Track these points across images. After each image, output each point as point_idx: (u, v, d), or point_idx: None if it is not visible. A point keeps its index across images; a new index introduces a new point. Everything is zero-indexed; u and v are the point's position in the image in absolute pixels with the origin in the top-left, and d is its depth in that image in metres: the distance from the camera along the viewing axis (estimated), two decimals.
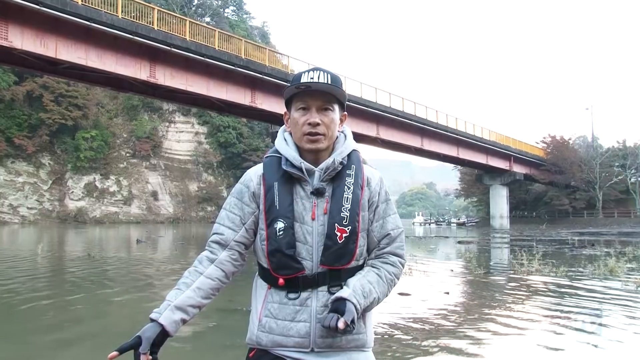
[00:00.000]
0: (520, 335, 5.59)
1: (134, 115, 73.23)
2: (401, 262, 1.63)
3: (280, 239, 1.50)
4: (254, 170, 1.63)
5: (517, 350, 5.02)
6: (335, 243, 1.50)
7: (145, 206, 69.83)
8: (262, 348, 1.54)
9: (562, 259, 14.41)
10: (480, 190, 64.61)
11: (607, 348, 5.03)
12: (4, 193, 58.94)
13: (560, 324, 6.15)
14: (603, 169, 58.02)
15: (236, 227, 1.57)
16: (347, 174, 1.57)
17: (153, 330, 1.43)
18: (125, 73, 21.44)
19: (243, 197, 1.59)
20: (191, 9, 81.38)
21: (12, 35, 17.79)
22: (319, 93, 1.55)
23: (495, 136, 48.67)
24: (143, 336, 1.40)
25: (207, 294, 1.54)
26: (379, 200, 1.62)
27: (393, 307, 7.12)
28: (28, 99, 60.26)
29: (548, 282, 9.88)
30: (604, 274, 10.93)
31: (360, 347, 1.55)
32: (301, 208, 1.53)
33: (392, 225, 1.62)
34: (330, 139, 1.58)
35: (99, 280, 10.24)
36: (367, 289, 1.50)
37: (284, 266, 1.50)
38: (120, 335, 5.88)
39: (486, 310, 7.07)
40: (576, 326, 5.99)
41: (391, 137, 36.84)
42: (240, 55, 25.54)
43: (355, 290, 1.48)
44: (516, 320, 6.34)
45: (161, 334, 1.43)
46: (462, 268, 12.93)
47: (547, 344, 5.19)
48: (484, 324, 6.13)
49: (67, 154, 64.24)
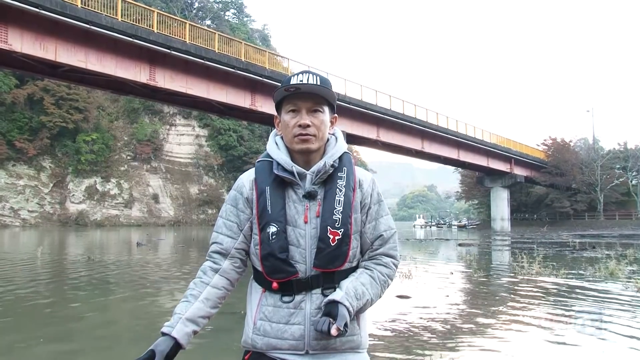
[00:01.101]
0: (520, 338, 5.56)
1: (134, 118, 73.34)
2: (394, 263, 1.63)
3: (273, 243, 1.50)
4: (246, 175, 1.64)
5: (517, 353, 4.98)
6: (328, 246, 1.50)
7: (146, 209, 69.84)
8: (257, 351, 1.55)
9: (562, 262, 14.37)
10: (481, 192, 64.58)
11: (609, 350, 4.99)
12: (5, 196, 58.95)
13: (560, 327, 6.11)
14: (604, 171, 57.97)
15: (235, 235, 1.59)
16: (339, 176, 1.58)
17: (166, 344, 1.44)
18: (125, 76, 21.46)
19: (238, 204, 1.60)
20: (192, 12, 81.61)
21: (11, 39, 17.82)
22: (309, 95, 1.55)
23: (496, 138, 48.66)
24: (156, 350, 1.42)
25: (215, 304, 1.57)
26: (371, 202, 1.62)
27: (392, 310, 7.09)
28: (29, 102, 60.33)
29: (548, 285, 9.83)
30: (604, 276, 10.89)
31: (354, 348, 1.55)
32: (293, 212, 1.54)
33: (385, 227, 1.62)
34: (321, 140, 1.59)
35: (98, 283, 10.21)
36: (359, 291, 1.51)
37: (277, 270, 1.51)
38: (122, 340, 5.79)
39: (486, 313, 7.03)
40: (576, 329, 5.96)
41: (392, 140, 36.84)
42: (240, 58, 25.55)
43: (348, 292, 1.49)
44: (516, 323, 6.30)
45: (174, 347, 1.46)
46: (463, 271, 12.88)
47: (547, 346, 5.15)
48: (484, 327, 6.10)
49: (68, 157, 64.28)
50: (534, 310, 7.23)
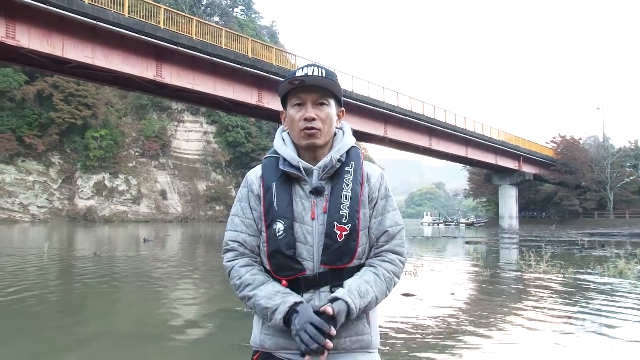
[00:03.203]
0: (526, 336, 5.48)
1: (143, 114, 73.51)
2: (401, 260, 1.58)
3: (280, 239, 1.48)
4: (253, 172, 1.63)
5: (523, 352, 4.90)
6: (335, 242, 1.47)
7: (154, 205, 70.07)
8: (266, 351, 1.53)
9: (570, 260, 14.23)
10: (489, 190, 64.21)
11: (616, 349, 4.89)
12: (15, 192, 59.34)
13: (567, 325, 6.03)
14: (614, 169, 57.45)
15: (254, 232, 1.57)
16: (346, 170, 1.56)
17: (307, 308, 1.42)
18: (131, 72, 21.44)
19: (250, 201, 1.59)
20: (200, 9, 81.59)
21: (19, 35, 17.83)
22: (314, 87, 1.54)
23: (504, 136, 48.33)
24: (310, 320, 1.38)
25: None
26: (378, 197, 1.59)
27: (396, 308, 7.04)
28: (38, 99, 60.62)
29: (555, 283, 9.73)
30: (613, 275, 10.75)
31: (365, 348, 1.53)
32: (300, 208, 1.52)
33: (391, 222, 1.58)
34: (327, 134, 1.57)
35: (103, 279, 10.22)
36: (363, 289, 1.47)
37: (284, 267, 1.49)
38: (127, 336, 5.77)
39: (491, 311, 6.95)
40: (583, 328, 5.87)
41: (399, 137, 36.65)
42: (247, 54, 25.48)
43: (351, 290, 1.45)
44: (522, 320, 6.24)
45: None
46: (469, 268, 12.80)
47: (552, 345, 5.07)
48: (489, 325, 6.01)
49: (77, 153, 64.58)
50: (540, 308, 7.14)
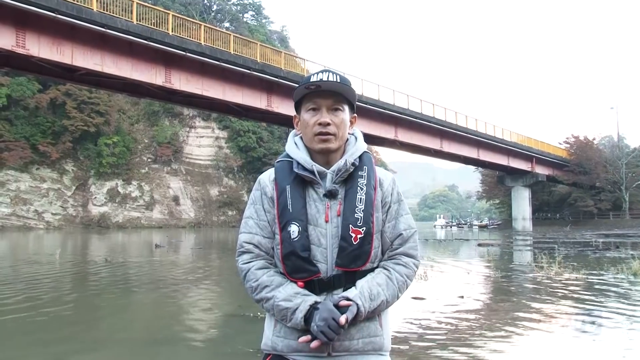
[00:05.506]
0: (537, 340, 5.37)
1: (155, 120, 74.02)
2: (414, 263, 1.61)
3: (295, 241, 1.49)
4: (266, 175, 1.64)
5: (530, 356, 4.80)
6: (350, 244, 1.49)
7: (167, 211, 70.41)
8: (277, 353, 1.53)
9: (584, 262, 14.02)
10: (502, 192, 63.75)
11: (633, 350, 4.76)
12: (30, 199, 59.95)
13: (578, 327, 5.90)
14: (630, 170, 56.75)
15: (269, 234, 1.58)
16: (360, 175, 1.57)
17: (327, 303, 1.44)
18: (141, 78, 21.58)
19: (264, 203, 1.60)
20: (210, 15, 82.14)
21: (29, 43, 18.02)
22: (329, 93, 1.55)
23: (516, 137, 47.93)
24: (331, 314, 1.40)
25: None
26: (391, 201, 1.61)
27: (406, 311, 6.97)
28: (52, 107, 61.29)
29: (567, 285, 9.56)
30: (627, 276, 10.56)
31: (377, 350, 1.53)
32: (314, 211, 1.53)
33: (405, 226, 1.60)
34: (341, 139, 1.59)
35: (115, 285, 10.23)
36: (374, 292, 1.49)
37: (299, 269, 1.50)
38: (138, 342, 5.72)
39: (501, 314, 6.84)
40: (593, 329, 5.74)
41: (410, 139, 36.48)
42: (256, 59, 25.50)
43: (362, 292, 1.47)
44: (533, 323, 6.13)
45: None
46: (480, 271, 12.66)
47: (565, 348, 4.95)
48: (498, 329, 5.91)
49: (90, 160, 65.12)
50: (551, 311, 7.02)
